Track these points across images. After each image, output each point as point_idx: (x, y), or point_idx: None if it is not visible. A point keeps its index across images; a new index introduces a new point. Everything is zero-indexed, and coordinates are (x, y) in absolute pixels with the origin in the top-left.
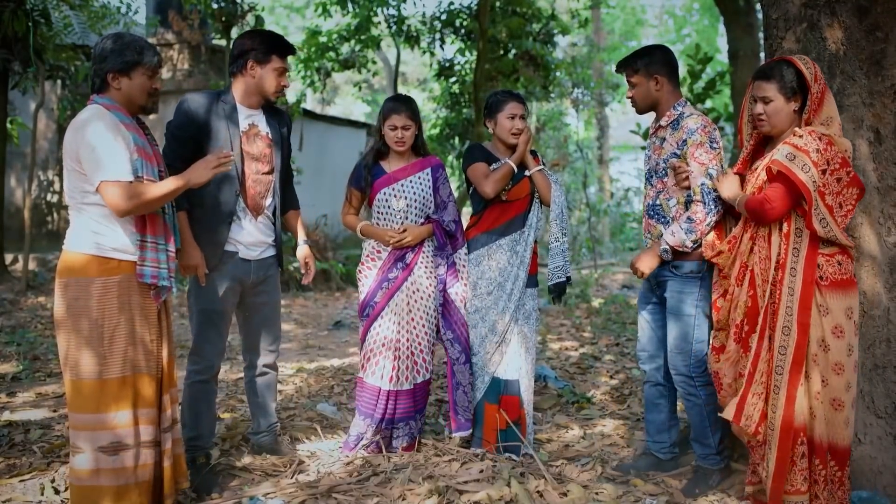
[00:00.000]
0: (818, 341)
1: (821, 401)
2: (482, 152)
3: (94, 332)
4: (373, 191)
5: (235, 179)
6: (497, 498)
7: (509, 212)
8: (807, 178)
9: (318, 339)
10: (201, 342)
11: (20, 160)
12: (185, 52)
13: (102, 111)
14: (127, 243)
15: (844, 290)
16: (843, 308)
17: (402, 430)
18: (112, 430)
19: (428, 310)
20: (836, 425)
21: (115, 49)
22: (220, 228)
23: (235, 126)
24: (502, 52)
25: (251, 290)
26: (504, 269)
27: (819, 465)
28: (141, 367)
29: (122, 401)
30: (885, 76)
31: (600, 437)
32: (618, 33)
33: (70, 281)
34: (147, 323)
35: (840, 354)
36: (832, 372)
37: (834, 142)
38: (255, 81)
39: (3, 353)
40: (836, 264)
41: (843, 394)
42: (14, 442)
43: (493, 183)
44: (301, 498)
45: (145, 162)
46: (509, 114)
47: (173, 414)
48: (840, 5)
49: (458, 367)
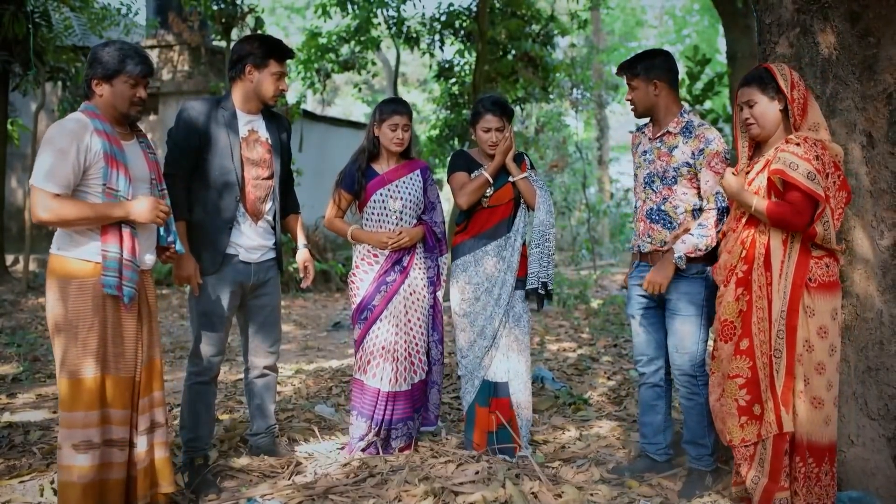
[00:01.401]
0: (803, 342)
1: (803, 399)
2: (465, 160)
3: (71, 332)
4: (367, 193)
5: (236, 186)
6: (492, 499)
7: (494, 217)
8: (815, 185)
9: (316, 341)
10: (200, 344)
11: (21, 161)
12: (185, 54)
13: (78, 118)
14: (94, 250)
15: (831, 291)
16: (828, 309)
17: (399, 430)
18: (83, 430)
19: (423, 311)
20: (816, 423)
21: (100, 57)
22: (221, 234)
23: (235, 133)
24: (502, 54)
25: (251, 292)
26: (491, 275)
27: (799, 462)
28: (111, 370)
29: (92, 401)
30: (877, 81)
31: (596, 438)
32: (617, 34)
33: (53, 282)
34: (120, 326)
35: (822, 354)
36: (814, 371)
37: (827, 147)
38: (254, 86)
39: (3, 355)
40: (824, 266)
41: (824, 393)
42: (14, 443)
43: (467, 195)
44: (298, 499)
45: (112, 170)
46: (484, 127)
47: (154, 417)
48: (832, 11)
49: (436, 367)
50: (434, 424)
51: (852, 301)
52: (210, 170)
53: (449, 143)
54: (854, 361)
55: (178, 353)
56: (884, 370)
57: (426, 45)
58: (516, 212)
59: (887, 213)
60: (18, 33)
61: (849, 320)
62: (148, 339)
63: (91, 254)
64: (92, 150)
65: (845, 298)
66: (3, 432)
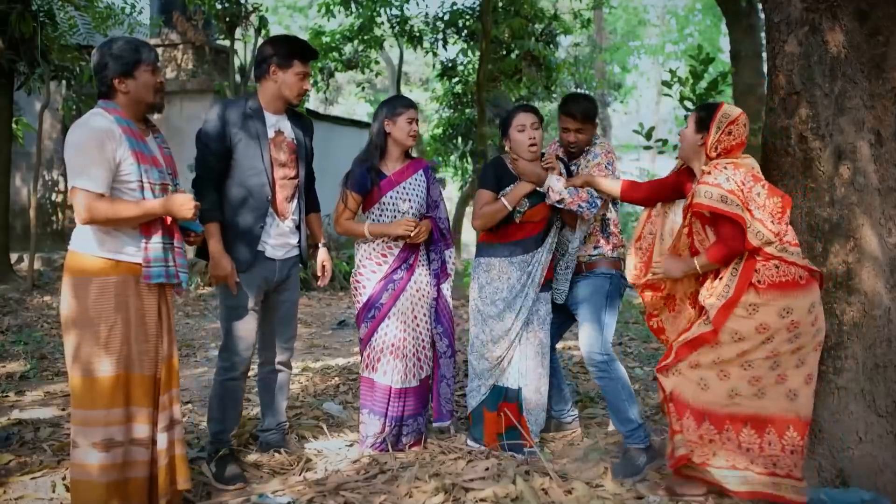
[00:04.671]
0: (731, 332)
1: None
2: (496, 174)
3: (91, 330)
4: (380, 194)
5: (267, 186)
6: (503, 495)
7: (522, 232)
8: (730, 207)
9: (322, 339)
10: (232, 339)
11: (25, 160)
12: (189, 53)
13: (101, 115)
14: (127, 245)
15: (783, 291)
16: (777, 308)
17: (410, 426)
18: (105, 427)
19: (428, 307)
20: (720, 395)
21: (113, 54)
22: (253, 233)
23: (264, 134)
24: (505, 53)
25: (275, 288)
26: (513, 287)
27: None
28: (135, 367)
29: (115, 399)
30: (885, 79)
31: (604, 435)
32: (620, 33)
33: (71, 280)
34: (143, 324)
35: (752, 345)
36: (736, 356)
37: (739, 164)
38: (278, 86)
39: (10, 353)
40: (773, 268)
41: (735, 368)
42: (24, 440)
43: (480, 219)
44: (309, 495)
45: (143, 166)
46: (519, 125)
47: (172, 414)
48: (841, 9)
49: (444, 361)
50: (448, 420)
51: (860, 298)
52: (241, 170)
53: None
54: (862, 359)
55: (184, 352)
56: (892, 367)
57: (429, 44)
58: (549, 229)
59: (895, 210)
60: (25, 32)
61: (857, 317)
62: (168, 336)
63: (114, 252)
64: (121, 148)
65: (853, 296)
66: (13, 429)
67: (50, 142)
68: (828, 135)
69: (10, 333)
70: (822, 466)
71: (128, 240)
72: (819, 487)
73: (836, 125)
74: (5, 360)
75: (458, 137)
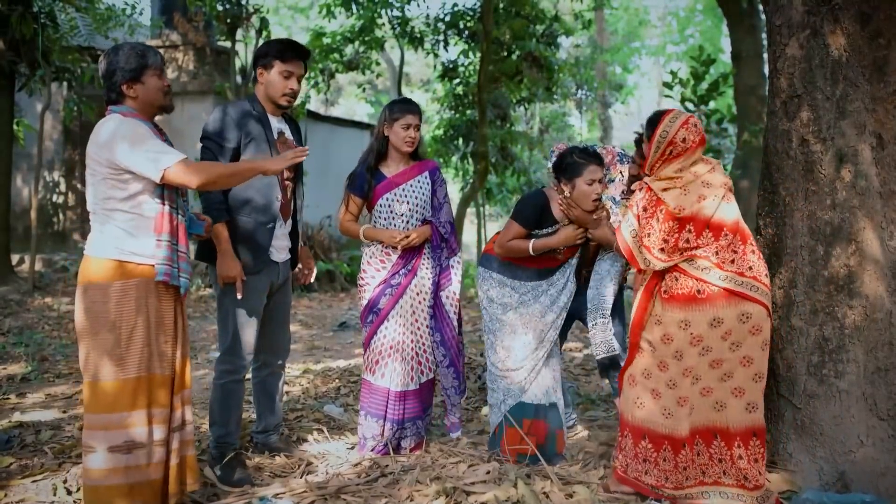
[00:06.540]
0: (646, 341)
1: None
2: (535, 214)
3: (112, 334)
4: (375, 196)
5: (276, 187)
6: (504, 499)
7: (544, 262)
8: (618, 237)
9: (323, 340)
10: (236, 342)
11: (26, 161)
12: (190, 54)
13: (124, 117)
14: (148, 248)
15: (679, 304)
16: (676, 320)
17: (409, 430)
18: (126, 430)
19: (430, 311)
20: (655, 412)
21: (120, 60)
22: (264, 235)
23: (272, 136)
24: (506, 54)
25: (275, 291)
26: (532, 308)
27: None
28: (155, 368)
29: (137, 401)
30: (887, 82)
31: (605, 437)
32: (621, 34)
33: (89, 285)
34: (162, 325)
35: (665, 356)
36: (656, 367)
37: (650, 187)
38: (264, 87)
39: (11, 355)
40: (674, 279)
41: (663, 387)
42: (25, 443)
43: (504, 249)
44: (310, 498)
45: None
46: (589, 179)
47: (184, 415)
48: (842, 12)
49: (441, 371)
50: (458, 430)
51: (862, 302)
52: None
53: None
54: (863, 362)
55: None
56: (893, 371)
57: (430, 46)
58: (571, 259)
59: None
60: (26, 34)
61: (858, 321)
62: (182, 336)
63: (132, 254)
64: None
65: (854, 299)
66: (14, 432)
67: (51, 143)
68: (829, 138)
69: (10, 335)
70: (824, 470)
71: (146, 241)
72: (820, 491)
73: (837, 128)
74: (6, 362)
75: (459, 138)
